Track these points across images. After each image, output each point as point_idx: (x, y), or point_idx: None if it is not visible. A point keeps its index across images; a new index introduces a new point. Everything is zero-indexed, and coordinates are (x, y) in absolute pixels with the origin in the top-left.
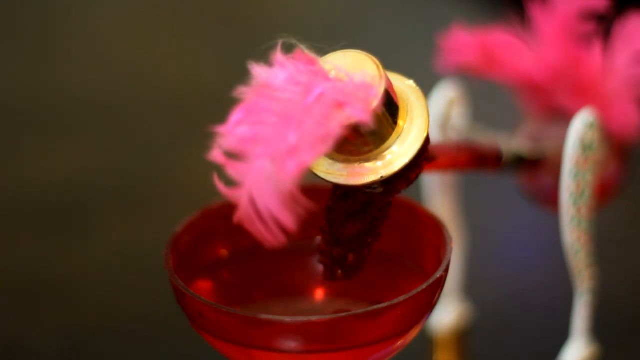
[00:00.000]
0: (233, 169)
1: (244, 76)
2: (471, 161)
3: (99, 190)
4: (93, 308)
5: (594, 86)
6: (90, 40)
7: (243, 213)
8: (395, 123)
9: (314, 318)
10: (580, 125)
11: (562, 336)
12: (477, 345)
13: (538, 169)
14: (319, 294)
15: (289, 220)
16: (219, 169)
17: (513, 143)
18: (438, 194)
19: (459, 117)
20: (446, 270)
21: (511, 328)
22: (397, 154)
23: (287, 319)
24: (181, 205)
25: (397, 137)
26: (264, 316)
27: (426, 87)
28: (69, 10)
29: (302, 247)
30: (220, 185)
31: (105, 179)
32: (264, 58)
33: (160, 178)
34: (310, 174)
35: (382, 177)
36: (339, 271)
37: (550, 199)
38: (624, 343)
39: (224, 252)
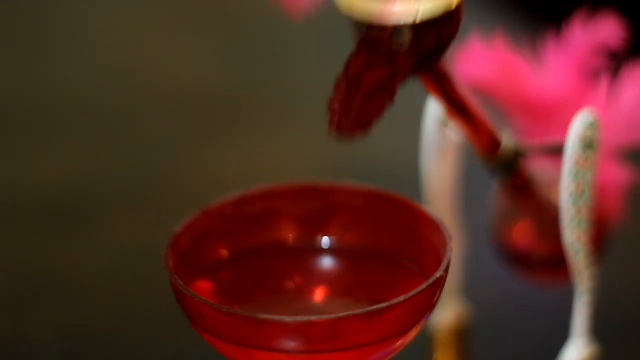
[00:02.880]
0: None
1: (244, 76)
2: (484, 125)
3: (99, 190)
4: (93, 308)
5: None
6: (90, 39)
7: None
8: None
9: (314, 318)
10: (581, 125)
11: (562, 336)
12: (477, 345)
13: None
14: (319, 294)
15: None
16: (219, 167)
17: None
18: (438, 194)
19: None
20: (446, 270)
21: (511, 328)
22: (432, 1)
23: (287, 319)
24: (181, 205)
25: None
26: (264, 316)
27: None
28: (68, 10)
29: (302, 247)
30: None
31: (105, 178)
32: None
33: (160, 178)
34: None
35: (414, 20)
36: (347, 120)
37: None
38: (624, 343)
39: (224, 252)
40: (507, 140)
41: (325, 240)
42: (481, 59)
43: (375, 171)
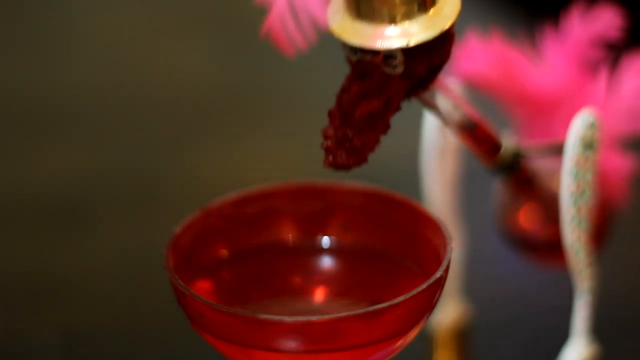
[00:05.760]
0: None
1: (243, 76)
2: (482, 132)
3: (98, 190)
4: (93, 308)
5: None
6: (89, 40)
7: (275, 15)
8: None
9: (314, 318)
10: (581, 125)
11: (562, 336)
12: (477, 345)
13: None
14: (319, 294)
15: (324, 17)
16: (218, 167)
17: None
18: (438, 193)
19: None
20: (446, 270)
21: (511, 328)
22: (424, 26)
23: (287, 319)
24: (181, 205)
25: (427, 13)
26: (264, 316)
27: None
28: (67, 10)
29: (302, 247)
30: None
31: (105, 179)
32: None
33: (160, 178)
34: (334, 37)
35: (407, 44)
36: (342, 154)
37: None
38: (624, 343)
39: (224, 252)
40: (507, 142)
41: (325, 240)
42: (479, 55)
43: (375, 171)
